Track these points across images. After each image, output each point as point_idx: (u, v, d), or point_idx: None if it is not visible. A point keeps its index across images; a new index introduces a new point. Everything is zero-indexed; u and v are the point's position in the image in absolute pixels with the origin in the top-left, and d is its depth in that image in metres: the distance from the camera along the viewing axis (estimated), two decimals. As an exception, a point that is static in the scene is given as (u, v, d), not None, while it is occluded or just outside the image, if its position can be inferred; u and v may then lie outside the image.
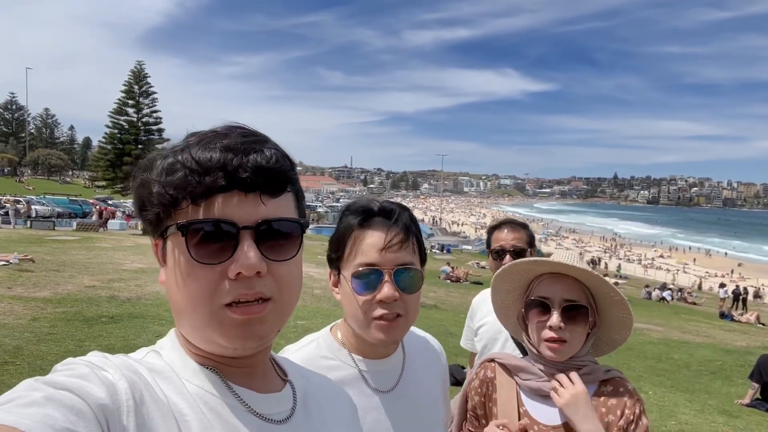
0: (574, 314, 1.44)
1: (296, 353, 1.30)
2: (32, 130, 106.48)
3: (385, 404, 1.30)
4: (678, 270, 56.97)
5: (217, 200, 0.71)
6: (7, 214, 27.34)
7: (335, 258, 1.30)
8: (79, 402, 0.59)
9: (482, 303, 2.77)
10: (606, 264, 57.54)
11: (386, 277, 1.21)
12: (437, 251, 43.80)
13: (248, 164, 0.71)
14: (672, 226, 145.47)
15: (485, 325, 2.68)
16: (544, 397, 1.46)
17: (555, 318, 1.42)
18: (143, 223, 0.78)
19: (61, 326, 6.80)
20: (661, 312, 19.51)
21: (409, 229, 1.26)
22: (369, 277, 1.22)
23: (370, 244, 1.23)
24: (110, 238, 21.56)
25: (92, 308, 7.99)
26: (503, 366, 1.56)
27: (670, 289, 30.22)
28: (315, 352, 1.32)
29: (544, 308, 1.46)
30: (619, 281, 28.49)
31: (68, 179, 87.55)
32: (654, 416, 6.33)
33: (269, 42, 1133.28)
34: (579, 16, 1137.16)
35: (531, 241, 2.64)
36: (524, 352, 2.69)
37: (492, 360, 1.60)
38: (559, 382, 1.42)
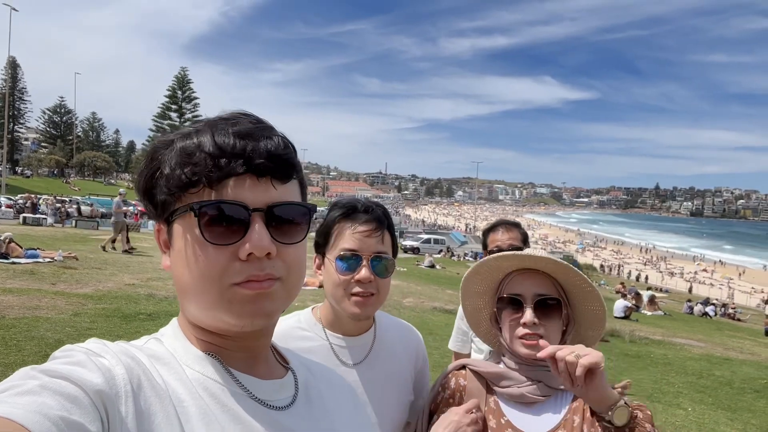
0: (547, 309, 1.39)
1: (277, 325, 1.44)
2: (79, 133, 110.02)
3: (349, 376, 1.45)
4: (722, 285, 55.03)
5: (230, 184, 0.72)
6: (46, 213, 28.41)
7: (322, 244, 1.49)
8: (75, 389, 0.58)
9: None
10: (647, 276, 55.97)
11: (364, 262, 1.41)
12: (471, 258, 43.35)
13: (261, 150, 0.74)
14: (717, 239, 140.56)
15: None
16: (527, 404, 1.37)
17: (528, 314, 1.37)
18: (148, 206, 0.79)
19: (100, 322, 6.99)
20: (703, 327, 18.78)
21: (382, 223, 1.45)
22: (350, 261, 1.41)
23: (353, 234, 1.42)
24: (149, 237, 21.96)
25: (131, 305, 8.19)
26: (476, 373, 1.47)
27: (713, 304, 29.09)
28: (294, 324, 1.52)
29: (517, 305, 1.41)
30: (659, 294, 27.61)
31: (113, 181, 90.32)
32: (693, 434, 6.10)
33: (309, 50, 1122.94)
34: (620, 24, 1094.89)
35: (525, 239, 2.71)
36: None
37: (463, 367, 1.51)
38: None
